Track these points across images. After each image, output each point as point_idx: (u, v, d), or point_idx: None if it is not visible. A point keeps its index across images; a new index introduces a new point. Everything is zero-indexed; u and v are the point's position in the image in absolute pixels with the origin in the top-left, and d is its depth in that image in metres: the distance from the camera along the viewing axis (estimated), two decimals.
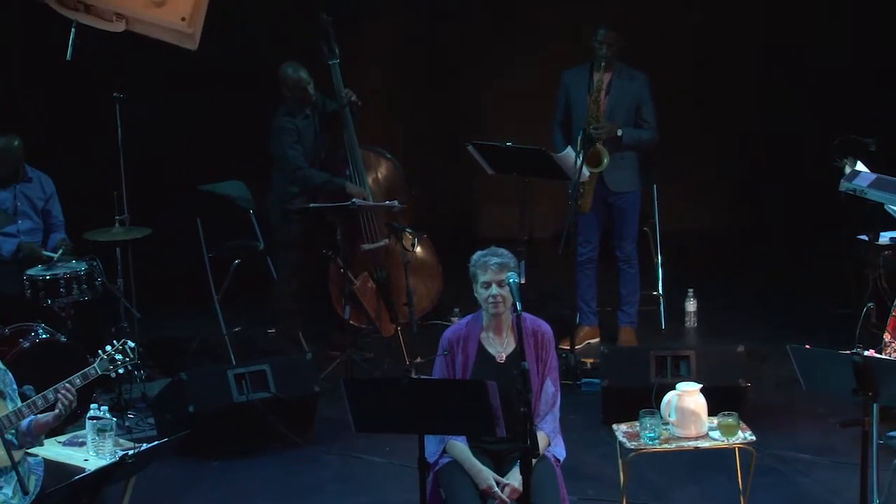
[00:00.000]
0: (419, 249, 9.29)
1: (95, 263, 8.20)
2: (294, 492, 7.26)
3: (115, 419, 6.47)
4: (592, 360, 8.67)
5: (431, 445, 5.84)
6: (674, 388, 6.39)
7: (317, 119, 9.02)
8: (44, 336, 7.80)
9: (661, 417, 6.30)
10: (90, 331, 8.23)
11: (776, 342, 8.52)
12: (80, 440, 6.42)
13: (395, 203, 8.94)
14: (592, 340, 9.20)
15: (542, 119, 9.15)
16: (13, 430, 5.75)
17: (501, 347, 6.00)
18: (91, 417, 6.32)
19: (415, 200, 9.36)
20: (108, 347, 5.98)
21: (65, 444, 6.45)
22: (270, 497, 7.23)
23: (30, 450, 5.96)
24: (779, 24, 11.36)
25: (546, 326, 6.02)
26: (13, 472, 5.60)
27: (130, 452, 5.75)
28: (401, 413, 5.41)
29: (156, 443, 6.10)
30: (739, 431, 6.29)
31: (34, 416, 5.78)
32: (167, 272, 9.85)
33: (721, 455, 6.58)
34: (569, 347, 8.67)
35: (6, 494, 5.70)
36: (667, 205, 9.99)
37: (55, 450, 6.36)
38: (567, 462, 6.07)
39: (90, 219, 8.63)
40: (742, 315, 9.79)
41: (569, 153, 8.48)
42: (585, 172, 8.57)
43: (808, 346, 5.67)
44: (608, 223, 9.09)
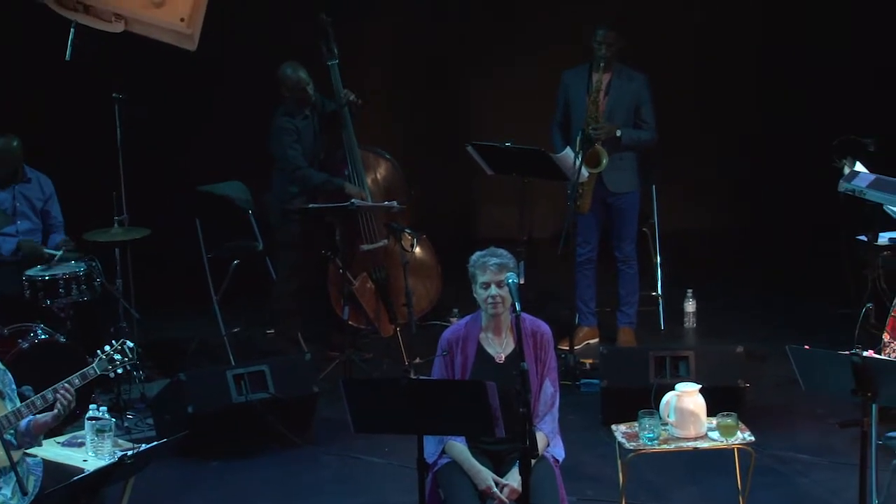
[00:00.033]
0: (418, 250, 9.29)
1: (94, 264, 8.20)
2: (293, 492, 7.26)
3: (114, 420, 6.47)
4: (591, 361, 8.66)
5: (430, 446, 5.84)
6: (673, 389, 6.39)
7: (316, 119, 9.01)
8: (43, 336, 7.80)
9: (661, 418, 6.30)
10: (89, 331, 8.23)
11: (775, 343, 8.52)
12: (79, 441, 6.42)
13: (394, 203, 8.94)
14: (591, 341, 9.20)
15: (542, 119, 9.14)
16: (12, 431, 5.75)
17: (500, 348, 6.00)
18: (90, 418, 6.32)
19: (414, 201, 9.35)
20: (107, 347, 5.98)
21: (64, 445, 6.45)
22: (269, 497, 7.23)
23: (28, 450, 5.95)
24: (779, 24, 11.36)
25: (545, 327, 6.02)
26: (12, 473, 5.60)
27: (129, 453, 5.75)
28: (400, 413, 5.41)
29: (155, 443, 6.10)
30: (738, 432, 6.29)
31: (33, 417, 5.78)
32: (166, 273, 9.85)
33: (720, 455, 6.57)
34: (568, 348, 8.67)
35: (5, 495, 5.69)
36: (666, 205, 9.98)
37: (54, 450, 6.35)
38: (566, 462, 6.07)
39: (89, 219, 8.63)
40: (741, 315, 9.79)
41: (568, 154, 8.48)
42: (584, 173, 8.57)
43: (807, 347, 5.67)
44: (607, 224, 9.08)
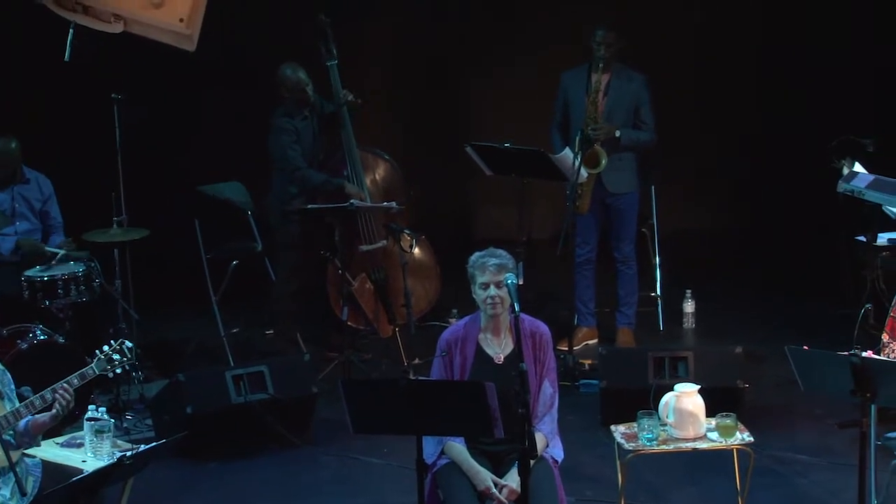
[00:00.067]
0: (417, 250, 9.29)
1: (93, 264, 8.20)
2: (292, 493, 7.26)
3: (113, 420, 6.46)
4: (590, 361, 8.66)
5: (429, 446, 5.84)
6: (672, 389, 6.39)
7: (315, 120, 9.01)
8: (42, 337, 7.80)
9: (660, 418, 6.30)
10: (88, 332, 8.22)
11: (774, 343, 8.52)
12: (78, 441, 6.42)
13: (393, 204, 8.94)
14: (590, 341, 9.19)
15: (543, 119, 9.13)
16: (11, 431, 5.75)
17: (499, 348, 6.00)
18: (89, 419, 6.32)
19: (413, 201, 9.35)
20: (106, 347, 5.98)
21: (63, 446, 6.45)
22: (268, 498, 7.22)
23: (27, 451, 5.95)
24: (779, 24, 11.34)
25: (544, 327, 6.02)
26: (11, 474, 5.60)
27: (128, 454, 5.75)
28: (399, 414, 5.41)
29: (154, 444, 6.10)
30: (737, 432, 6.29)
31: (31, 417, 5.78)
32: (165, 273, 9.83)
33: (719, 456, 6.57)
34: (567, 348, 8.66)
35: (4, 496, 5.69)
36: (666, 205, 9.98)
37: (53, 451, 6.35)
38: (565, 463, 6.07)
39: (88, 220, 8.63)
40: (740, 316, 9.78)
41: (567, 154, 8.48)
42: (583, 173, 8.57)
43: (806, 347, 5.67)
44: (606, 224, 9.08)
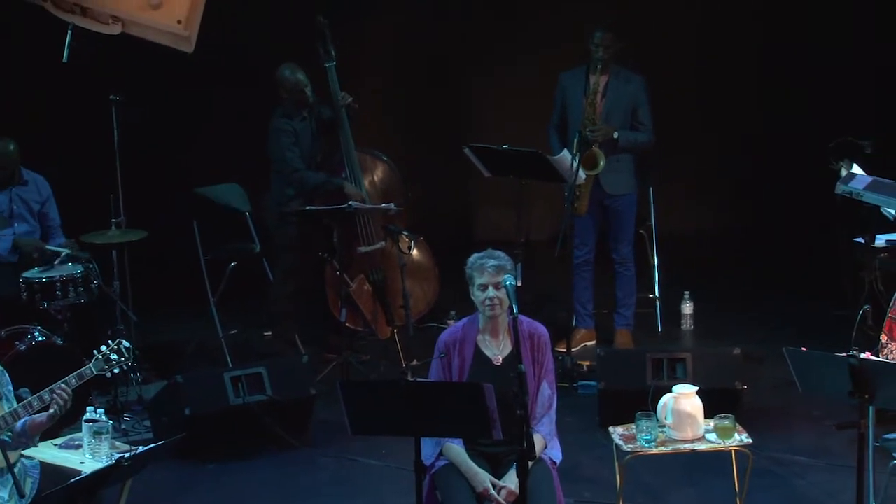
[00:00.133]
0: (415, 252, 9.29)
1: (92, 266, 8.19)
2: (290, 494, 7.25)
3: (112, 422, 6.46)
4: (589, 363, 8.65)
5: (428, 448, 5.84)
6: (670, 391, 6.40)
7: (314, 121, 9.01)
8: (40, 339, 7.79)
9: (658, 420, 6.30)
10: (86, 333, 8.22)
11: (772, 344, 8.52)
12: (77, 443, 6.41)
13: (392, 206, 8.94)
14: (589, 343, 9.19)
15: (544, 118, 9.12)
16: (8, 432, 5.75)
17: (498, 350, 6.00)
18: (87, 420, 6.31)
19: (411, 203, 9.35)
20: (104, 347, 5.98)
21: (61, 447, 6.44)
22: (267, 499, 7.22)
23: (26, 452, 5.95)
24: (779, 24, 11.34)
25: (542, 329, 6.02)
26: (9, 475, 5.60)
27: (126, 455, 5.76)
28: (397, 416, 5.40)
29: (152, 445, 6.10)
30: (736, 434, 6.29)
31: (29, 417, 5.78)
32: (163, 275, 9.83)
33: (717, 457, 6.58)
34: (565, 350, 8.66)
35: (2, 497, 5.69)
36: (667, 205, 9.98)
37: (51, 452, 6.35)
38: (563, 464, 6.07)
39: (86, 221, 8.63)
40: (738, 317, 9.78)
41: (565, 156, 8.48)
42: (581, 175, 8.57)
43: (805, 349, 5.67)
44: (604, 225, 9.08)
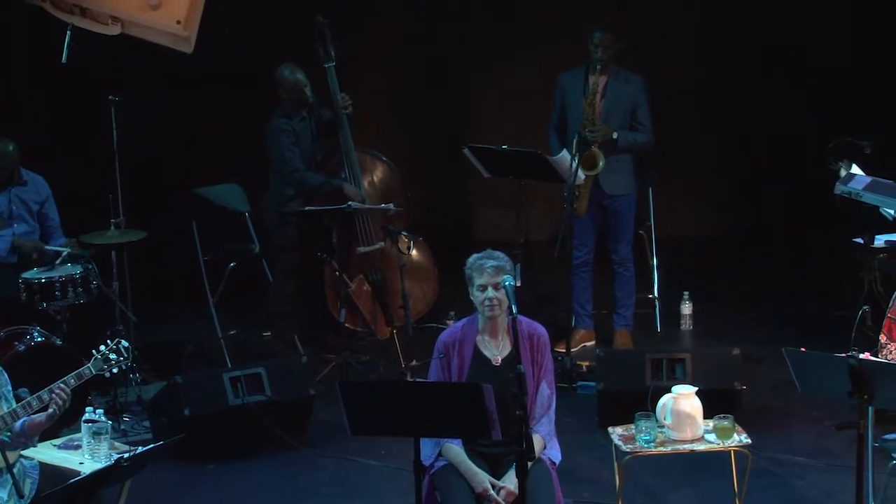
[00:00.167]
0: (415, 252, 9.29)
1: (91, 266, 8.19)
2: (289, 495, 7.25)
3: (111, 422, 6.46)
4: (588, 363, 8.65)
5: (427, 448, 5.84)
6: (669, 391, 6.40)
7: (313, 121, 9.00)
8: (39, 339, 7.79)
9: (657, 420, 6.30)
10: (85, 334, 8.22)
11: (772, 345, 8.52)
12: (76, 443, 6.41)
13: (391, 206, 8.94)
14: (588, 343, 9.19)
15: (543, 119, 9.11)
16: (7, 432, 5.74)
17: (497, 350, 6.00)
18: (86, 420, 6.31)
19: (410, 203, 9.35)
20: (102, 347, 5.99)
21: (60, 448, 6.44)
22: (266, 500, 7.22)
23: (25, 452, 5.95)
24: (779, 24, 11.34)
25: (541, 329, 6.02)
26: (8, 475, 5.60)
27: (126, 455, 5.76)
28: (396, 416, 5.40)
29: (151, 446, 6.10)
30: (735, 434, 6.30)
31: (28, 417, 5.78)
32: (163, 275, 9.83)
33: (717, 458, 6.58)
34: (564, 350, 8.66)
35: (1, 498, 5.69)
36: (666, 205, 9.98)
37: (50, 453, 6.35)
38: (562, 465, 6.07)
39: (85, 222, 8.63)
40: (738, 318, 9.78)
41: (564, 156, 8.48)
42: (581, 175, 8.57)
43: (804, 349, 5.67)
44: (603, 226, 9.08)
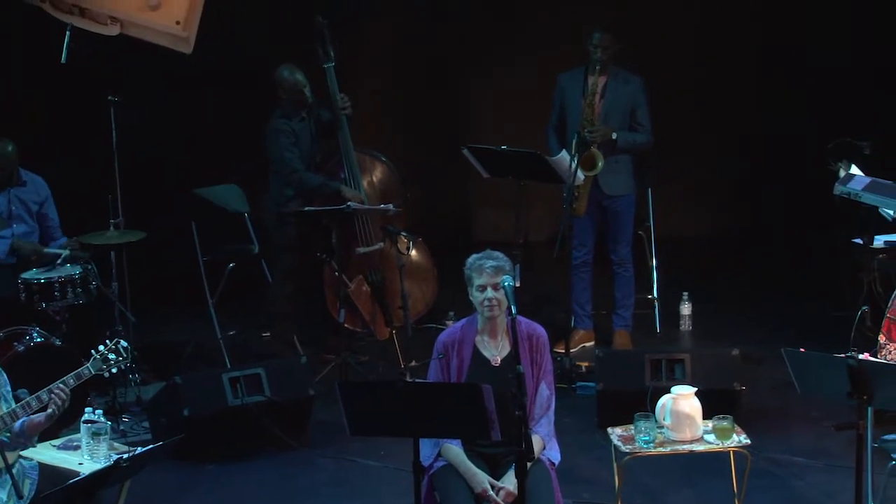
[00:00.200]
0: (414, 253, 9.29)
1: (90, 267, 8.19)
2: (289, 495, 7.25)
3: (110, 423, 6.47)
4: (587, 364, 8.65)
5: (426, 449, 5.84)
6: (669, 392, 6.40)
7: (312, 122, 9.00)
8: (38, 339, 7.79)
9: (656, 421, 6.30)
10: (85, 334, 8.21)
11: (771, 345, 8.51)
12: (75, 444, 6.42)
13: (390, 206, 8.94)
14: (587, 344, 9.19)
15: (543, 119, 9.11)
16: (7, 433, 5.74)
17: (496, 351, 6.00)
18: (86, 421, 6.32)
19: (410, 203, 9.35)
20: (101, 347, 5.99)
21: (59, 448, 6.44)
22: (265, 500, 7.22)
23: (24, 453, 5.95)
24: (778, 25, 11.35)
25: (541, 330, 6.03)
26: (7, 476, 5.60)
27: (125, 456, 5.76)
28: (396, 416, 5.40)
29: (150, 446, 6.11)
30: (734, 435, 6.30)
31: (27, 417, 5.78)
32: (162, 276, 9.84)
33: (716, 458, 6.58)
34: (563, 351, 8.66)
35: (1, 498, 5.69)
36: (666, 206, 9.97)
37: (50, 453, 6.35)
38: (562, 465, 6.07)
39: (85, 222, 8.62)
40: (737, 318, 9.77)
41: (563, 157, 8.48)
42: (580, 176, 8.57)
43: (803, 350, 5.67)
44: (603, 226, 9.08)
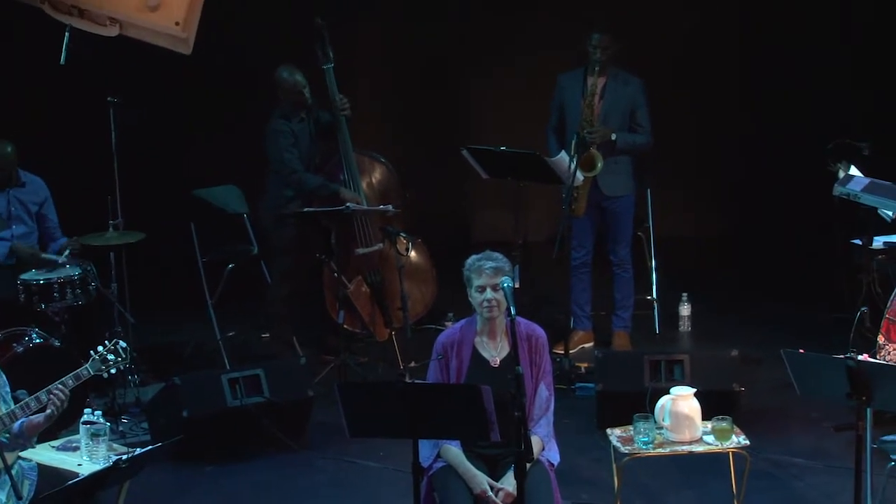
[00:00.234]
0: (413, 254, 9.28)
1: (89, 268, 8.19)
2: (288, 496, 7.25)
3: (109, 424, 6.46)
4: (586, 365, 8.65)
5: (425, 450, 5.84)
6: (668, 393, 6.40)
7: (312, 123, 9.00)
8: (37, 340, 7.79)
9: (656, 422, 6.30)
10: (84, 335, 8.21)
11: (770, 346, 8.49)
12: (74, 445, 6.41)
13: (390, 207, 8.94)
14: (586, 345, 9.18)
15: (541, 120, 9.10)
16: (6, 433, 5.74)
17: (495, 352, 6.00)
18: (85, 422, 6.31)
19: (409, 204, 9.35)
20: (100, 348, 5.98)
21: (58, 449, 6.44)
22: (264, 502, 7.22)
23: (23, 454, 5.95)
24: (777, 25, 11.34)
25: (540, 330, 6.03)
26: (6, 477, 5.60)
27: (124, 457, 5.76)
28: (395, 417, 5.40)
29: (149, 447, 6.11)
30: (733, 436, 6.30)
31: (26, 418, 5.78)
32: (161, 277, 9.83)
33: (715, 459, 6.58)
34: (563, 352, 8.66)
35: (0, 499, 5.69)
36: (665, 207, 9.96)
37: (49, 454, 6.35)
38: (561, 466, 6.07)
39: (84, 223, 8.62)
40: (736, 319, 9.76)
41: (563, 157, 8.49)
42: (579, 177, 8.57)
43: (802, 351, 5.67)
44: (602, 227, 9.08)
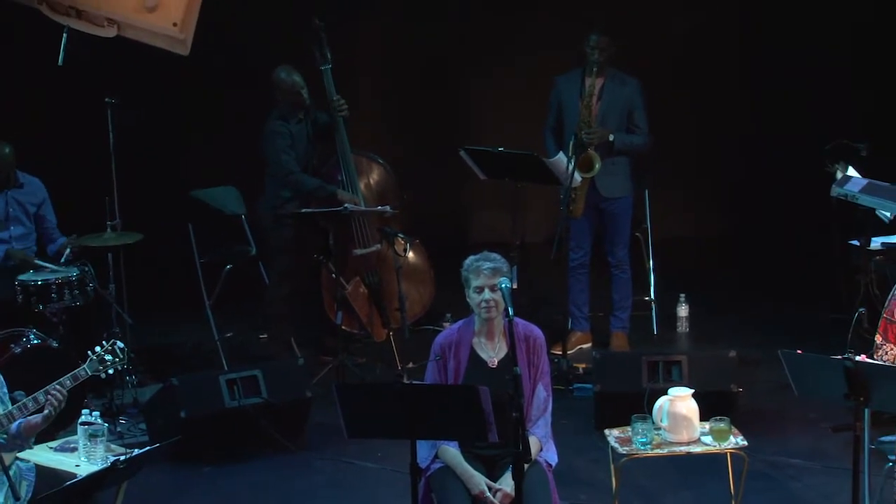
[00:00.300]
0: (411, 254, 9.29)
1: (87, 269, 8.18)
2: (286, 497, 7.25)
3: (107, 425, 6.46)
4: (584, 366, 8.66)
5: (423, 451, 5.83)
6: (666, 393, 6.40)
7: (309, 124, 9.00)
8: (35, 341, 7.78)
9: (653, 422, 6.30)
10: (82, 336, 8.19)
11: (768, 347, 8.49)
12: (72, 446, 6.41)
13: (388, 208, 8.94)
14: (584, 345, 9.18)
15: (540, 121, 9.09)
16: (3, 434, 5.74)
17: (493, 352, 6.00)
18: (83, 423, 6.31)
19: (407, 205, 9.35)
20: (98, 348, 5.99)
21: (56, 450, 6.44)
22: (262, 502, 7.22)
23: (21, 454, 5.95)
24: (776, 26, 11.35)
25: (538, 331, 6.03)
26: (4, 478, 5.59)
27: (122, 458, 5.75)
28: (393, 418, 5.40)
29: (147, 448, 6.10)
30: (731, 436, 6.30)
31: (24, 419, 5.78)
32: (159, 277, 9.83)
33: (713, 460, 6.58)
34: (561, 352, 8.67)
35: None
36: (663, 208, 9.96)
37: (47, 455, 6.35)
38: (559, 467, 6.07)
39: (82, 224, 8.62)
40: (734, 320, 9.77)
41: (560, 158, 8.49)
42: (577, 178, 8.56)
43: (800, 352, 5.68)
44: (600, 228, 9.08)
